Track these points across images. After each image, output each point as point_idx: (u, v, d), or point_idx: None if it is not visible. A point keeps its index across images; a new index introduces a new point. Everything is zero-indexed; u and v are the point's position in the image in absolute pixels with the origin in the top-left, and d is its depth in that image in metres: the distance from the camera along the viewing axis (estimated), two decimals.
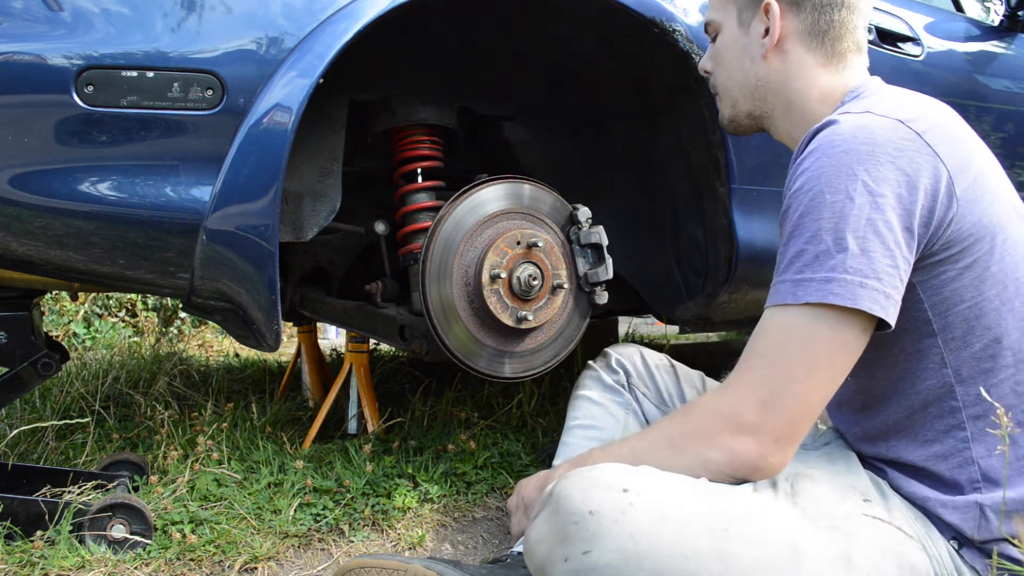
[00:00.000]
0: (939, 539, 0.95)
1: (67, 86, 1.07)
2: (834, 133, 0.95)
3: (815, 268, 0.91)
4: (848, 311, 0.90)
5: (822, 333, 0.91)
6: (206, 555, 1.30)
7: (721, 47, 1.20)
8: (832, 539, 0.87)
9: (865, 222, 0.90)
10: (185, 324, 4.10)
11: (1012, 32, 2.15)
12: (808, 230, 0.93)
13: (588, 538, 0.84)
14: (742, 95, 1.18)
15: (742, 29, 1.16)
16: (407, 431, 1.92)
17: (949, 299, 0.95)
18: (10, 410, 2.02)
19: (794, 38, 1.11)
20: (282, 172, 1.17)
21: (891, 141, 0.92)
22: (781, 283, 0.95)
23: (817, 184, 0.93)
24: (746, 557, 0.83)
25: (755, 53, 1.14)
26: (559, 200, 1.46)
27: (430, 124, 1.61)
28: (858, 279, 0.89)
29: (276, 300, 1.23)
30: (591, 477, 0.90)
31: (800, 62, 1.11)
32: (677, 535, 0.84)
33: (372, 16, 1.21)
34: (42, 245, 1.15)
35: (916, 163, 0.92)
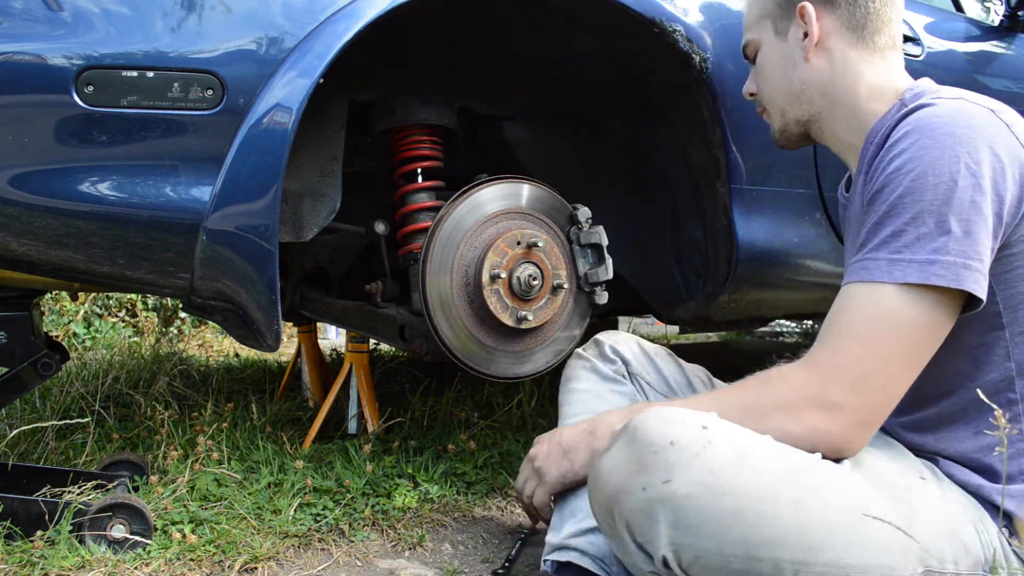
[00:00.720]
0: (991, 524, 0.95)
1: (67, 86, 1.07)
2: (933, 115, 0.95)
3: (915, 250, 0.91)
4: (948, 292, 0.90)
5: (919, 315, 0.91)
6: (206, 555, 1.30)
7: (762, 62, 1.20)
8: (896, 508, 0.88)
9: (969, 204, 0.90)
10: (185, 324, 4.10)
11: (1012, 32, 2.15)
12: (908, 211, 0.92)
13: (667, 468, 0.84)
14: (788, 102, 1.17)
15: (780, 38, 1.17)
16: (407, 431, 1.92)
17: (1021, 293, 0.97)
18: (10, 410, 2.02)
19: (834, 35, 1.12)
20: (282, 172, 1.17)
21: (987, 127, 0.93)
22: (873, 260, 0.94)
23: (919, 165, 0.92)
24: (817, 508, 0.83)
25: (796, 58, 1.14)
26: (559, 200, 1.46)
27: (430, 124, 1.61)
28: (962, 260, 0.89)
29: (276, 300, 1.23)
30: (670, 412, 0.89)
31: (843, 57, 1.11)
32: (755, 476, 0.84)
33: (372, 16, 1.21)
34: (42, 245, 1.15)
35: (1009, 151, 0.93)
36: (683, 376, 1.35)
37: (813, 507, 0.83)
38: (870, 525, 0.85)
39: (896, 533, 0.86)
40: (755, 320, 2.27)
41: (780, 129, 1.21)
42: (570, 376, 1.36)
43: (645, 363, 1.34)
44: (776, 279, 1.70)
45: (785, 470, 0.86)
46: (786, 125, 1.20)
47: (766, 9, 1.18)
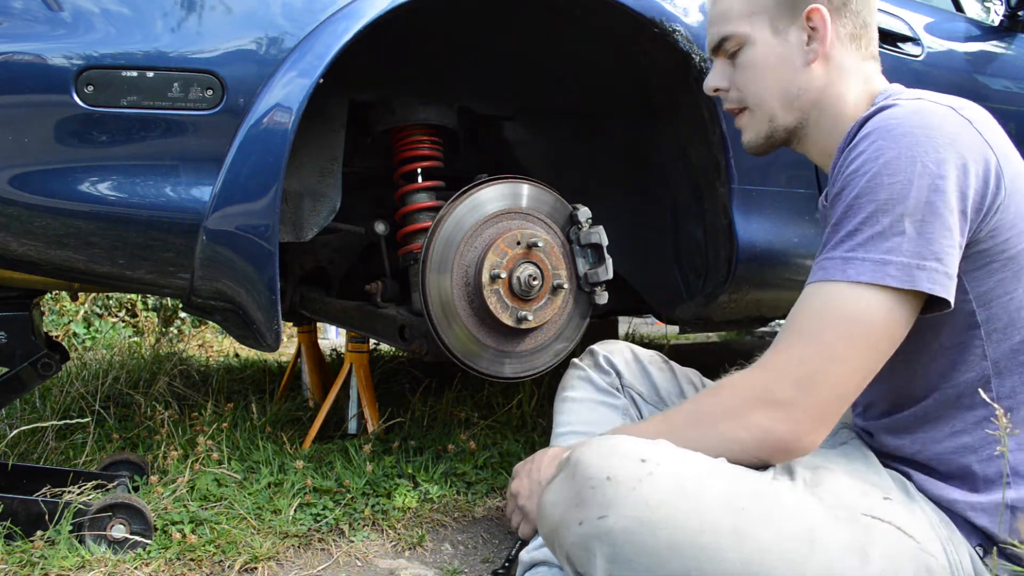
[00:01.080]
0: (962, 543, 0.94)
1: (67, 86, 1.07)
2: (891, 116, 0.95)
3: (868, 248, 0.90)
4: (903, 293, 0.89)
5: (872, 314, 0.90)
6: (206, 555, 1.30)
7: (752, 60, 1.13)
8: (849, 530, 0.87)
9: (924, 204, 0.89)
10: (185, 324, 4.10)
11: (1012, 32, 2.15)
12: (863, 210, 0.92)
13: (604, 503, 0.84)
14: (783, 107, 1.13)
15: (779, 38, 1.11)
16: (407, 431, 1.92)
17: (993, 290, 0.95)
18: (10, 410, 2.02)
19: (838, 43, 1.09)
20: (282, 172, 1.17)
21: (946, 126, 0.92)
22: (828, 259, 0.94)
23: (875, 166, 0.92)
24: (761, 536, 0.82)
25: (798, 62, 1.10)
26: (559, 200, 1.46)
27: (430, 124, 1.61)
28: (915, 261, 0.89)
29: (276, 300, 1.23)
30: (610, 445, 0.89)
31: (844, 66, 1.10)
32: (694, 508, 0.83)
33: (372, 16, 1.21)
34: (42, 245, 1.15)
35: (970, 148, 0.92)
36: (675, 384, 1.36)
37: (758, 536, 0.82)
38: (819, 552, 0.83)
39: (847, 558, 0.84)
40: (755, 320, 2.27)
41: (766, 134, 1.16)
42: (565, 385, 1.38)
43: (638, 373, 1.36)
44: (776, 279, 1.70)
45: (729, 499, 0.85)
46: (774, 131, 1.15)
47: (760, 4, 1.12)
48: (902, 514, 0.93)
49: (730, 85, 1.17)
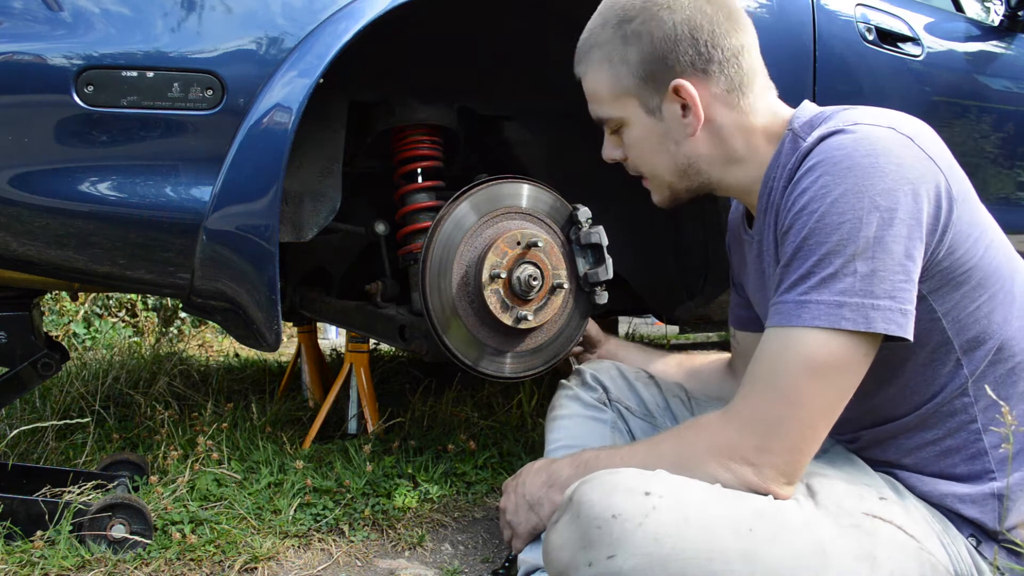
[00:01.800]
0: (957, 536, 0.95)
1: (67, 86, 1.07)
2: (835, 147, 0.91)
3: (821, 291, 0.88)
4: (859, 334, 0.88)
5: (830, 357, 0.88)
6: (206, 555, 1.30)
7: (635, 140, 1.11)
8: (856, 537, 0.87)
9: (874, 241, 0.87)
10: (185, 324, 4.10)
11: (1012, 32, 2.15)
12: (814, 253, 0.89)
13: (612, 543, 0.84)
14: (677, 177, 1.11)
15: (654, 117, 1.07)
16: (407, 431, 1.92)
17: (959, 303, 0.95)
18: (10, 410, 2.02)
19: (716, 104, 1.04)
20: (282, 172, 1.17)
21: (891, 150, 0.89)
22: (784, 304, 0.92)
23: (822, 204, 0.89)
24: (772, 556, 0.83)
25: (679, 136, 1.06)
26: (559, 200, 1.46)
27: (430, 124, 1.61)
28: (870, 301, 0.87)
29: (276, 300, 1.23)
30: (611, 481, 0.88)
31: (731, 122, 1.05)
32: (702, 536, 0.83)
33: (372, 16, 1.21)
34: (42, 245, 1.15)
35: (917, 170, 0.89)
36: (661, 397, 1.36)
37: (768, 556, 0.82)
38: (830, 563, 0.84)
39: (858, 566, 0.85)
40: None
41: (670, 198, 1.15)
42: (554, 405, 1.39)
43: (624, 389, 1.36)
44: None
45: (735, 523, 0.84)
46: (676, 195, 1.14)
47: (624, 86, 1.07)
48: (899, 513, 0.93)
49: (625, 156, 1.15)
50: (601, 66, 1.08)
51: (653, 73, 1.04)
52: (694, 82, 1.03)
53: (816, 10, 1.68)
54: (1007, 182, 2.08)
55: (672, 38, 1.02)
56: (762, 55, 1.10)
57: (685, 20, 1.02)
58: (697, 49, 1.02)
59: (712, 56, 1.02)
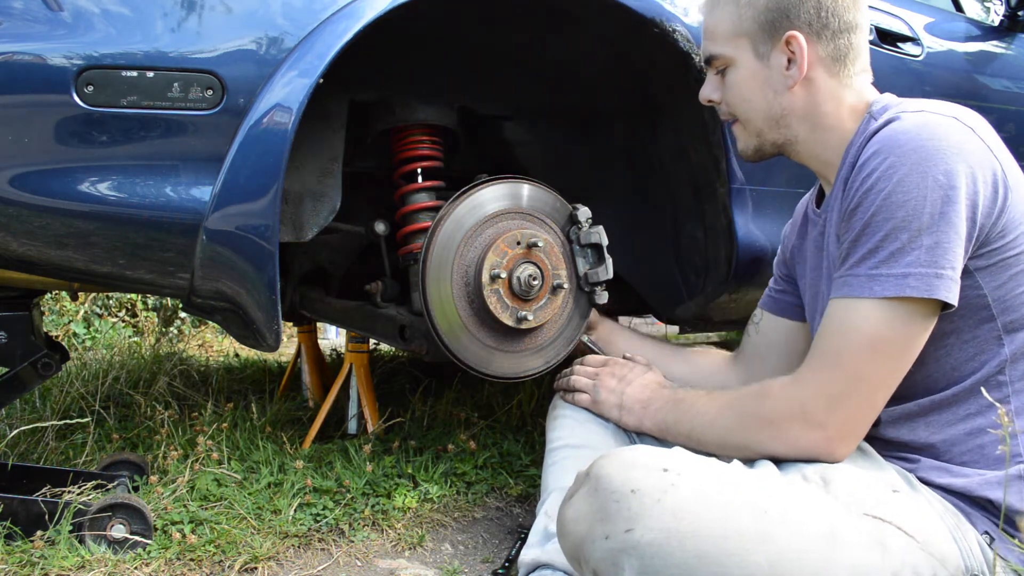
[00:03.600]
0: (970, 531, 0.96)
1: (67, 86, 1.07)
2: (899, 131, 0.98)
3: (891, 265, 0.95)
4: (922, 301, 0.95)
5: (894, 330, 0.96)
6: (206, 555, 1.30)
7: (737, 81, 1.17)
8: (866, 526, 0.89)
9: (939, 216, 0.94)
10: (185, 324, 4.10)
11: (1012, 32, 2.15)
12: (882, 228, 0.96)
13: (630, 516, 0.85)
14: (768, 126, 1.17)
15: (761, 62, 1.14)
16: (407, 431, 1.92)
17: (1006, 284, 1.00)
18: (10, 410, 2.02)
19: (818, 66, 1.12)
20: (282, 172, 1.17)
21: (951, 136, 0.96)
22: (854, 276, 0.99)
23: (888, 183, 0.96)
24: (785, 538, 0.84)
25: (779, 85, 1.14)
26: (559, 200, 1.46)
27: (430, 124, 1.61)
28: (934, 271, 0.94)
29: (276, 300, 1.23)
30: (630, 457, 0.90)
31: (827, 87, 1.12)
32: (719, 515, 0.84)
33: (372, 16, 1.21)
34: (42, 245, 1.15)
35: (976, 156, 0.96)
36: None
37: (781, 538, 0.84)
38: (841, 548, 0.85)
39: (869, 553, 0.86)
40: None
41: (755, 147, 1.21)
42: (555, 404, 1.42)
43: None
44: None
45: (751, 502, 0.86)
46: (762, 145, 1.20)
47: (743, 28, 1.14)
48: (910, 505, 0.94)
49: (721, 98, 1.22)
50: (727, 5, 1.16)
51: (773, 21, 1.12)
52: (807, 38, 1.11)
53: None
54: None
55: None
56: None
57: None
58: (819, 11, 1.11)
59: (828, 22, 1.11)
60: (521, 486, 1.70)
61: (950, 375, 1.03)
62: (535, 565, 1.10)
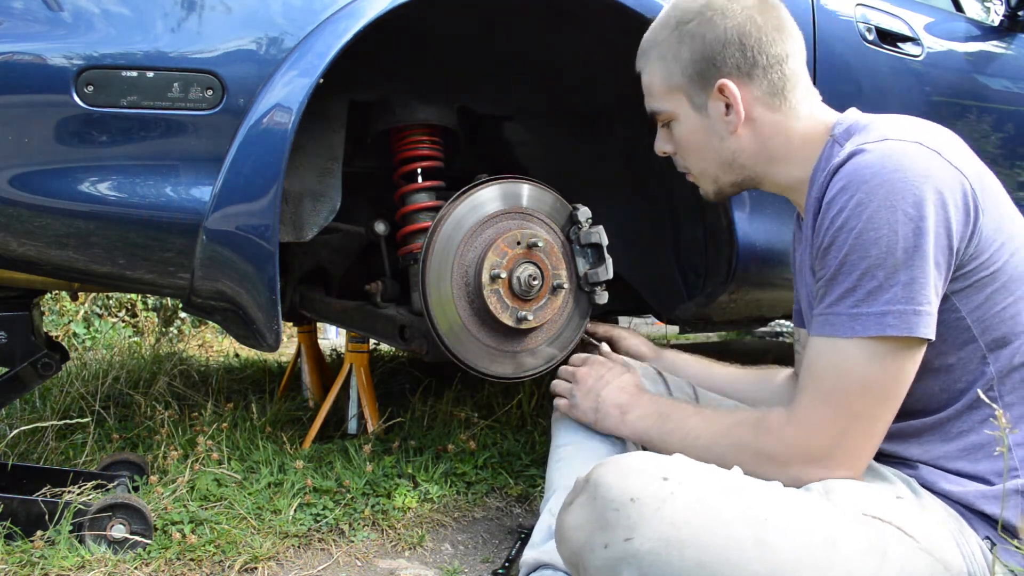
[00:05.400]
0: (972, 536, 0.96)
1: (67, 86, 1.07)
2: (862, 167, 0.96)
3: (870, 303, 0.94)
4: (903, 339, 0.94)
5: (881, 366, 0.95)
6: (206, 555, 1.30)
7: (683, 134, 1.19)
8: (866, 532, 0.88)
9: (913, 250, 0.93)
10: (185, 324, 4.10)
11: (1012, 32, 2.15)
12: (858, 267, 0.95)
13: (629, 525, 0.84)
14: (722, 170, 1.18)
15: (700, 113, 1.15)
16: (407, 431, 1.92)
17: (984, 304, 0.98)
18: (10, 410, 2.02)
19: (757, 105, 1.12)
20: (282, 172, 1.17)
21: (916, 164, 0.94)
22: (835, 315, 0.98)
23: (859, 222, 0.95)
24: (784, 546, 0.84)
25: (722, 131, 1.14)
26: (559, 200, 1.46)
27: (430, 124, 1.61)
28: (912, 308, 0.93)
29: (276, 300, 1.23)
30: (629, 465, 0.90)
31: (771, 123, 1.13)
32: (718, 523, 0.84)
33: (372, 16, 1.21)
34: (42, 245, 1.15)
35: (944, 180, 0.94)
36: (667, 393, 1.37)
37: (780, 546, 0.84)
38: (841, 558, 0.85)
39: (868, 562, 0.86)
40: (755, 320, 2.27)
41: (715, 191, 1.23)
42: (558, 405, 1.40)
43: None
44: (776, 279, 1.70)
45: (750, 511, 0.86)
46: (721, 188, 1.21)
47: (675, 82, 1.15)
48: (914, 512, 0.94)
49: (675, 149, 1.23)
50: (657, 62, 1.17)
51: (702, 72, 1.12)
52: (738, 83, 1.11)
53: (816, 10, 1.68)
54: (1007, 182, 2.06)
55: (722, 41, 1.10)
56: None
57: (736, 26, 1.10)
58: (744, 54, 1.10)
59: (757, 61, 1.10)
60: (521, 486, 1.70)
61: (939, 397, 1.03)
62: (536, 564, 1.10)
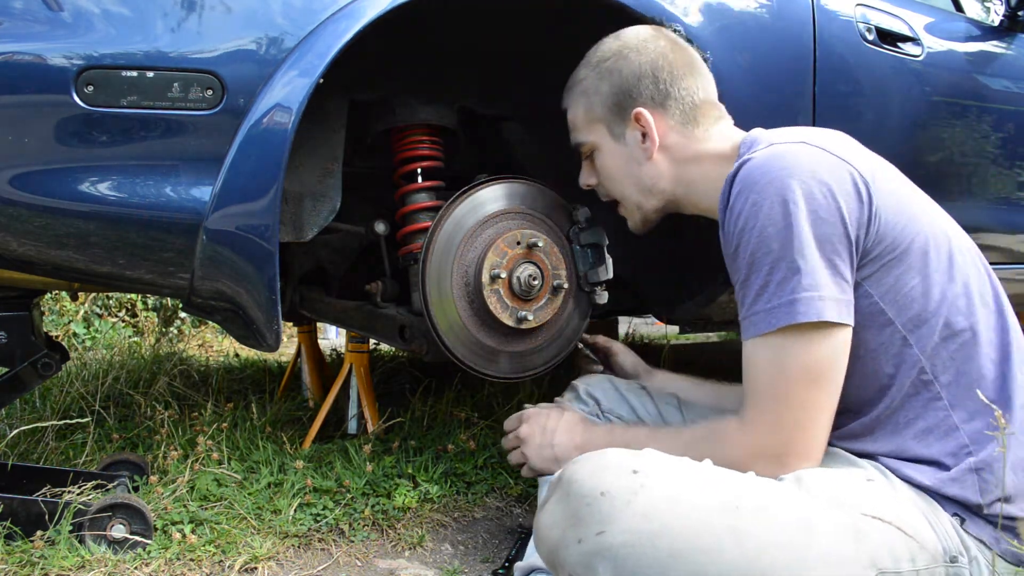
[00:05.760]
0: (943, 514, 0.96)
1: (67, 86, 1.07)
2: (752, 168, 1.02)
3: (779, 295, 0.98)
4: (817, 324, 0.96)
5: (807, 351, 0.97)
6: (206, 555, 1.30)
7: (605, 163, 1.28)
8: (841, 515, 0.89)
9: (810, 239, 0.96)
10: (185, 324, 4.10)
11: (1012, 32, 2.14)
12: (764, 263, 0.99)
13: (601, 519, 0.85)
14: (643, 196, 1.26)
15: (619, 142, 1.25)
16: (407, 431, 1.92)
17: (895, 286, 1.01)
18: (10, 410, 2.02)
19: (671, 133, 1.21)
20: (282, 172, 1.17)
21: (799, 160, 1.00)
22: (755, 315, 1.01)
23: (756, 220, 0.99)
24: (759, 532, 0.84)
25: (640, 157, 1.23)
26: (559, 200, 1.46)
27: (430, 124, 1.61)
28: (816, 294, 0.96)
29: (276, 300, 1.23)
30: (599, 461, 0.91)
31: (685, 148, 1.21)
32: (690, 513, 0.85)
33: (372, 16, 1.21)
34: (42, 245, 1.15)
35: (830, 172, 0.99)
36: (653, 406, 1.40)
37: (755, 533, 0.84)
38: (817, 540, 0.86)
39: (844, 543, 0.87)
40: None
41: (641, 220, 1.29)
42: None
43: (616, 400, 1.40)
44: None
45: (722, 499, 0.87)
46: (646, 216, 1.28)
47: (596, 114, 1.26)
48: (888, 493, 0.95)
49: (598, 181, 1.32)
50: (579, 98, 1.29)
51: (619, 103, 1.23)
52: (652, 112, 1.21)
53: (816, 10, 1.68)
54: (1007, 182, 2.07)
55: (637, 75, 1.22)
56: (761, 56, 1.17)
57: (650, 62, 1.22)
58: (657, 86, 1.21)
59: (669, 92, 1.21)
60: (521, 486, 1.70)
61: (872, 386, 1.04)
62: (530, 569, 1.11)
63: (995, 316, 1.04)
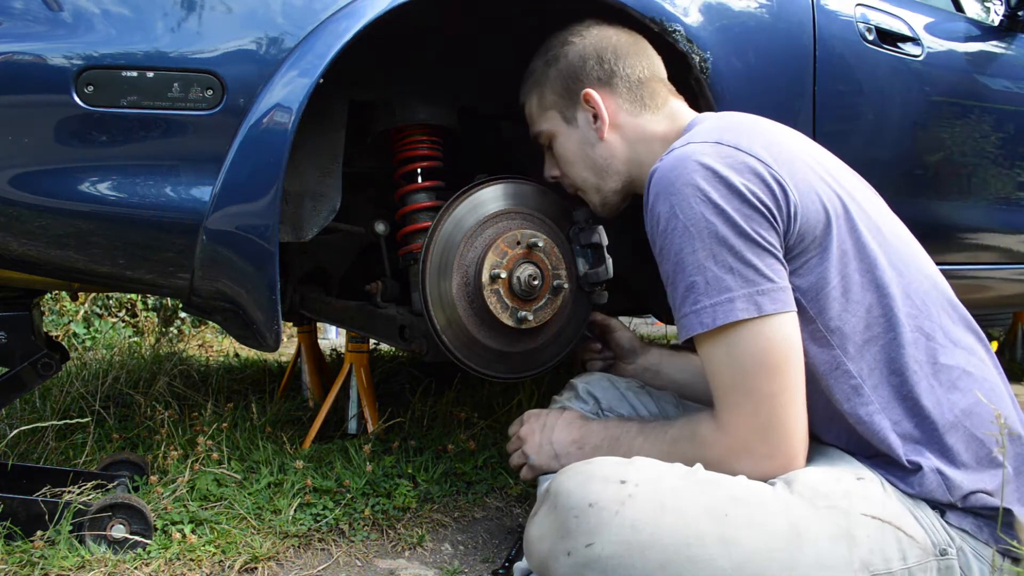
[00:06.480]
0: (926, 507, 0.96)
1: (67, 86, 1.07)
2: (665, 170, 1.02)
3: (711, 295, 0.97)
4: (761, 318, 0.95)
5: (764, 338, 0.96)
6: (206, 555, 1.30)
7: (562, 149, 1.31)
8: (832, 518, 0.88)
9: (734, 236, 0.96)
10: (185, 324, 4.10)
11: (1012, 32, 2.15)
12: (689, 263, 0.99)
13: (590, 531, 0.85)
14: (600, 178, 1.28)
15: (571, 125, 1.28)
16: (407, 431, 1.92)
17: (816, 283, 1.00)
18: (10, 410, 2.02)
19: (620, 112, 1.24)
20: (282, 172, 1.17)
21: (708, 162, 0.99)
22: (685, 317, 1.01)
23: (675, 222, 1.00)
24: (748, 539, 0.84)
25: (592, 139, 1.26)
26: (559, 200, 1.46)
27: (430, 124, 1.61)
28: (752, 290, 0.95)
29: (276, 300, 1.23)
30: (587, 471, 0.91)
31: (635, 127, 1.24)
32: (678, 522, 0.85)
33: (373, 16, 1.21)
34: (42, 245, 1.15)
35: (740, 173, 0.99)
36: (652, 404, 1.39)
37: (744, 540, 0.84)
38: (806, 544, 0.85)
39: (835, 547, 0.86)
40: None
41: (602, 202, 1.31)
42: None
43: (616, 399, 1.40)
44: None
45: (711, 507, 0.86)
46: (605, 198, 1.30)
47: (548, 101, 1.30)
48: (877, 491, 0.95)
49: (562, 173, 1.34)
50: (532, 89, 1.34)
51: (567, 87, 1.27)
52: (600, 92, 1.25)
53: (816, 10, 1.68)
54: (1007, 182, 2.07)
55: (582, 56, 1.26)
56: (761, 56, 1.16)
57: (592, 44, 1.26)
58: (602, 66, 1.25)
59: (615, 71, 1.24)
60: (521, 486, 1.70)
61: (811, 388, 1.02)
62: (529, 570, 1.11)
63: None
